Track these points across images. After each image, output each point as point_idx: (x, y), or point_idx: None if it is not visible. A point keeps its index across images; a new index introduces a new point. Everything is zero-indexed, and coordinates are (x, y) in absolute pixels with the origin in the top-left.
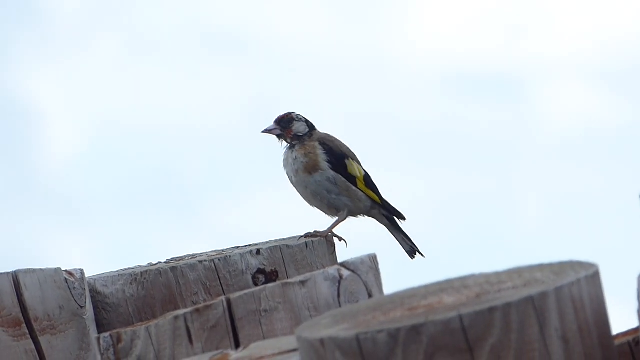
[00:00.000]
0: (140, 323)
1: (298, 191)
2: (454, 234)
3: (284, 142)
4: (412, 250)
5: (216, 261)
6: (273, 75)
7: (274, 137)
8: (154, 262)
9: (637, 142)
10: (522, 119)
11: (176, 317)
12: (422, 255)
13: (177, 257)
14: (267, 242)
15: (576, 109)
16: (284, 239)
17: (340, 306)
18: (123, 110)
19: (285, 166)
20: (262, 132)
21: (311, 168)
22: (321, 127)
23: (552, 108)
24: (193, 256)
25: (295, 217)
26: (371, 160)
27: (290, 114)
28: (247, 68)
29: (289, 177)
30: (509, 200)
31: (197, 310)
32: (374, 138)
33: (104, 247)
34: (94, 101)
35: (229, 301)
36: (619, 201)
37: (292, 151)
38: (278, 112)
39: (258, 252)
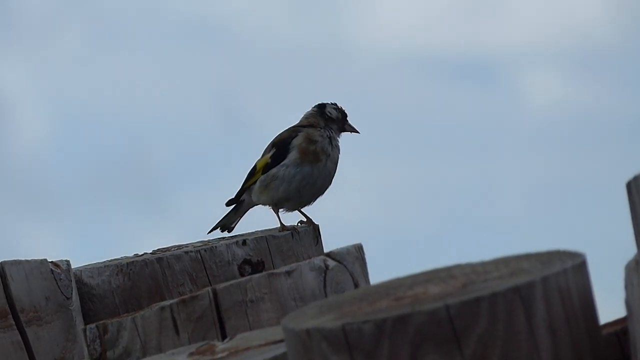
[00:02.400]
0: (126, 314)
1: (317, 179)
2: (436, 222)
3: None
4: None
5: (202, 252)
6: (239, 64)
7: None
8: (140, 253)
9: (618, 126)
10: (499, 104)
11: (162, 308)
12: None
13: (163, 248)
14: (252, 233)
15: (553, 95)
16: (269, 230)
17: (326, 296)
18: (90, 100)
19: (329, 149)
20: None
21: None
22: (289, 117)
23: (529, 93)
24: (179, 247)
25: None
26: (344, 148)
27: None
28: (213, 58)
29: (324, 158)
30: (490, 188)
31: (183, 301)
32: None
33: (72, 237)
34: (61, 90)
35: (215, 292)
36: (604, 188)
37: (336, 137)
38: (247, 101)
39: (244, 242)
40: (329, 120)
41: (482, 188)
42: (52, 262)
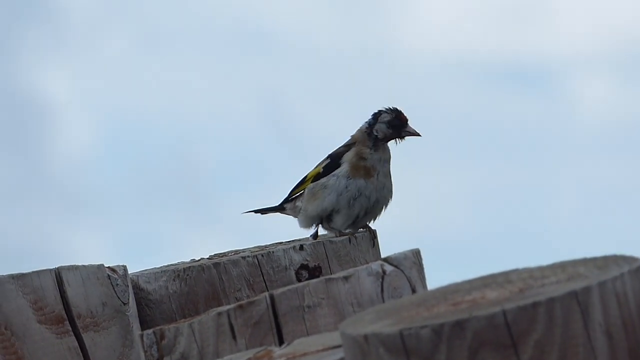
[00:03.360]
0: (183, 320)
1: (371, 193)
2: (493, 227)
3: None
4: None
5: (259, 257)
6: (284, 69)
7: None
8: (197, 258)
9: None
10: (552, 110)
11: (219, 314)
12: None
13: (220, 253)
14: (309, 238)
15: (606, 99)
16: (326, 235)
17: (383, 302)
18: (137, 106)
19: (378, 166)
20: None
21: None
22: (335, 122)
23: (582, 99)
24: (236, 252)
25: None
26: (401, 154)
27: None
28: (260, 62)
29: (375, 174)
30: (545, 193)
31: (241, 306)
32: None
33: (120, 242)
34: (108, 96)
35: (272, 297)
36: None
37: (386, 150)
38: (294, 106)
39: (301, 247)
40: (377, 139)
41: (538, 193)
42: (109, 267)
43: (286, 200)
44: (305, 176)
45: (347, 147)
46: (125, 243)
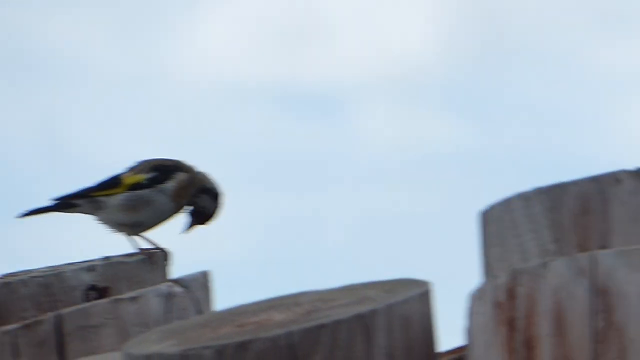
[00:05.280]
0: None
1: (172, 215)
2: (283, 251)
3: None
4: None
5: (49, 277)
6: (60, 92)
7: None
8: None
9: (451, 157)
10: (333, 136)
11: (4, 333)
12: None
13: (12, 273)
14: (102, 259)
15: (387, 128)
16: (117, 256)
17: (170, 323)
18: None
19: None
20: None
21: None
22: (117, 147)
23: (363, 125)
24: (28, 272)
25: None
26: None
27: None
28: (32, 85)
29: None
30: (326, 218)
31: (27, 325)
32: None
33: None
34: None
35: (58, 317)
36: (444, 219)
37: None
38: (66, 130)
39: (92, 268)
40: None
41: (323, 218)
42: None
43: (80, 196)
44: (119, 179)
45: (177, 163)
46: None
